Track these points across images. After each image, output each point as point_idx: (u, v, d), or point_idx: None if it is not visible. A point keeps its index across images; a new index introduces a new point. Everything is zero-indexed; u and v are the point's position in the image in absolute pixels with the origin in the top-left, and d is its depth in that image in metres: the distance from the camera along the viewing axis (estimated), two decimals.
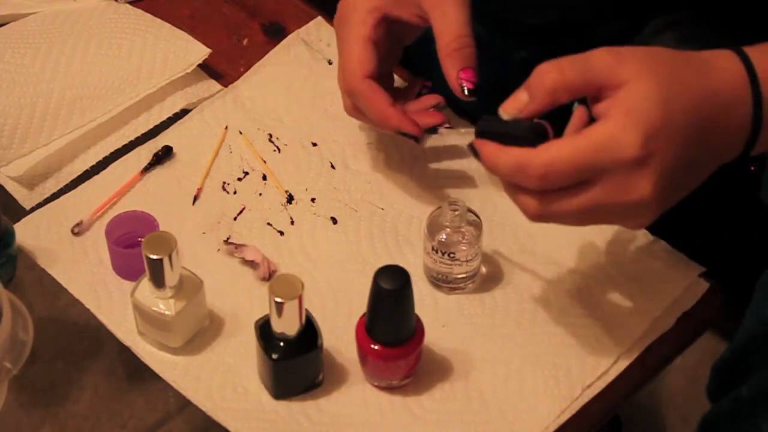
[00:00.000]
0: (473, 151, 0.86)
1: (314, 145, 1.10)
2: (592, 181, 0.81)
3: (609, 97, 0.80)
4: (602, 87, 0.80)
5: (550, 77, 0.81)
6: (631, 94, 0.80)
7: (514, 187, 0.84)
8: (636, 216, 0.83)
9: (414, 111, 0.99)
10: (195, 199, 1.06)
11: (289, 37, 1.18)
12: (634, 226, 0.86)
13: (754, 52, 0.84)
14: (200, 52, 1.15)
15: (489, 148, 0.84)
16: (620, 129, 0.79)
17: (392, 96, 0.97)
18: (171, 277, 0.91)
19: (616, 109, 0.80)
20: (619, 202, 0.81)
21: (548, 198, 0.82)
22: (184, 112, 1.13)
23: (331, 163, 1.08)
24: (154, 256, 0.90)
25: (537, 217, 0.83)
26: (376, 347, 0.90)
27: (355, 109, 1.00)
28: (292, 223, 1.04)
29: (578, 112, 0.83)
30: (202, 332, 0.96)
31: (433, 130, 0.98)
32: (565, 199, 0.82)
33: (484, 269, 1.00)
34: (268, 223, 1.04)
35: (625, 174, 0.80)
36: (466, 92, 0.93)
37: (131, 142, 1.10)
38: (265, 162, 1.08)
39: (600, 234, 1.02)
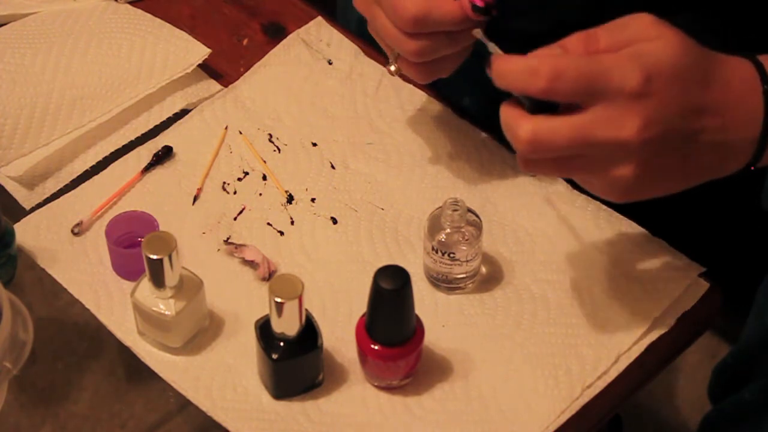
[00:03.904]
0: (485, 10, 0.88)
1: (314, 145, 1.10)
2: (587, 106, 0.81)
3: (631, 44, 0.82)
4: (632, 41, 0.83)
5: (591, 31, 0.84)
6: (650, 44, 0.82)
7: (514, 108, 0.83)
8: (617, 166, 0.82)
9: None
10: (195, 199, 1.06)
11: (289, 37, 1.18)
12: (612, 188, 0.85)
13: (765, 59, 0.85)
14: (200, 52, 1.15)
15: (502, 57, 0.84)
16: (627, 61, 0.81)
17: None
18: (171, 277, 0.91)
19: (631, 49, 0.82)
20: (606, 137, 0.80)
21: (544, 118, 0.82)
22: (184, 112, 1.13)
23: (331, 163, 1.08)
24: (154, 256, 0.90)
25: (528, 143, 0.82)
26: (376, 347, 0.90)
27: (423, 46, 0.95)
28: (292, 223, 1.04)
29: None
30: (202, 332, 0.96)
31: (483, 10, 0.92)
32: (558, 120, 0.81)
33: (484, 269, 1.00)
34: (268, 223, 1.04)
35: (620, 106, 0.80)
36: (475, 9, 0.91)
37: (131, 142, 1.10)
38: (265, 162, 1.08)
39: (600, 234, 1.02)
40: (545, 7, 1.09)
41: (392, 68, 1.00)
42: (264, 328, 0.91)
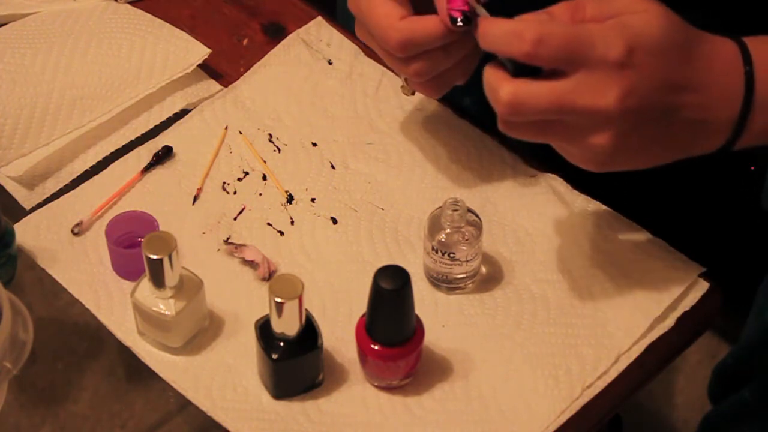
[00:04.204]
0: (465, 21, 0.88)
1: (314, 145, 1.10)
2: (568, 73, 0.82)
3: (617, 16, 0.83)
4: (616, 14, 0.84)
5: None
6: (635, 17, 0.83)
7: (497, 70, 0.84)
8: (595, 134, 0.83)
9: None
10: (195, 199, 1.06)
11: (289, 37, 1.18)
12: (590, 157, 0.85)
13: (750, 40, 0.86)
14: (200, 52, 1.15)
15: (488, 19, 0.85)
16: (611, 31, 0.82)
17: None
18: (171, 277, 0.91)
19: (616, 20, 0.83)
20: (585, 104, 0.81)
21: (526, 81, 0.82)
22: (184, 112, 1.13)
23: (331, 163, 1.08)
24: (154, 256, 0.90)
25: (508, 104, 0.83)
26: (376, 347, 0.90)
27: (420, 65, 0.95)
28: (292, 223, 1.04)
29: None
30: (202, 332, 0.96)
31: (463, 21, 0.91)
32: (539, 84, 0.82)
33: (484, 269, 1.00)
34: (268, 223, 1.04)
35: (601, 74, 0.81)
36: (457, 23, 0.90)
37: (131, 142, 1.10)
38: (265, 162, 1.08)
39: (600, 234, 1.02)
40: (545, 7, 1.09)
41: (406, 91, 1.01)
42: (264, 328, 0.91)
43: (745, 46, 0.85)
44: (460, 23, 0.89)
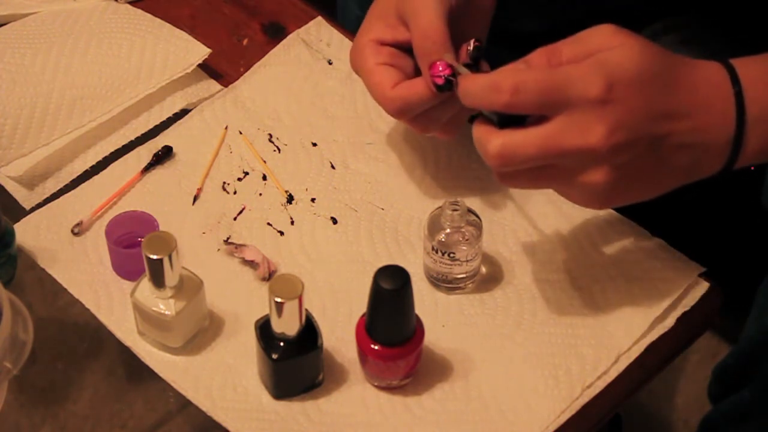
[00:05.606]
0: (450, 84, 0.89)
1: (314, 145, 1.10)
2: (552, 117, 0.82)
3: (593, 55, 0.84)
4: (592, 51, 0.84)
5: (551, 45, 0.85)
6: (611, 52, 0.83)
7: (483, 125, 0.85)
8: (588, 173, 0.83)
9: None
10: (195, 199, 1.06)
11: (289, 37, 1.18)
12: (589, 195, 0.86)
13: (736, 61, 0.86)
14: (200, 52, 1.15)
15: (466, 76, 0.86)
16: (588, 69, 0.82)
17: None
18: (171, 277, 0.91)
19: (592, 58, 0.83)
20: (573, 144, 0.82)
21: (511, 131, 0.83)
22: (184, 112, 1.13)
23: (331, 163, 1.08)
24: (154, 256, 0.90)
25: (498, 156, 0.83)
26: (376, 347, 0.90)
27: (416, 114, 0.96)
28: (292, 223, 1.04)
29: None
30: (202, 332, 0.96)
31: (447, 85, 0.92)
32: (525, 132, 0.83)
33: (484, 269, 1.00)
34: (268, 223, 1.04)
35: (584, 113, 0.81)
36: (442, 89, 0.91)
37: (131, 142, 1.10)
38: (265, 162, 1.08)
39: (600, 234, 1.02)
40: (545, 7, 1.09)
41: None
42: (264, 328, 0.91)
43: (732, 67, 0.85)
44: (445, 88, 0.90)
